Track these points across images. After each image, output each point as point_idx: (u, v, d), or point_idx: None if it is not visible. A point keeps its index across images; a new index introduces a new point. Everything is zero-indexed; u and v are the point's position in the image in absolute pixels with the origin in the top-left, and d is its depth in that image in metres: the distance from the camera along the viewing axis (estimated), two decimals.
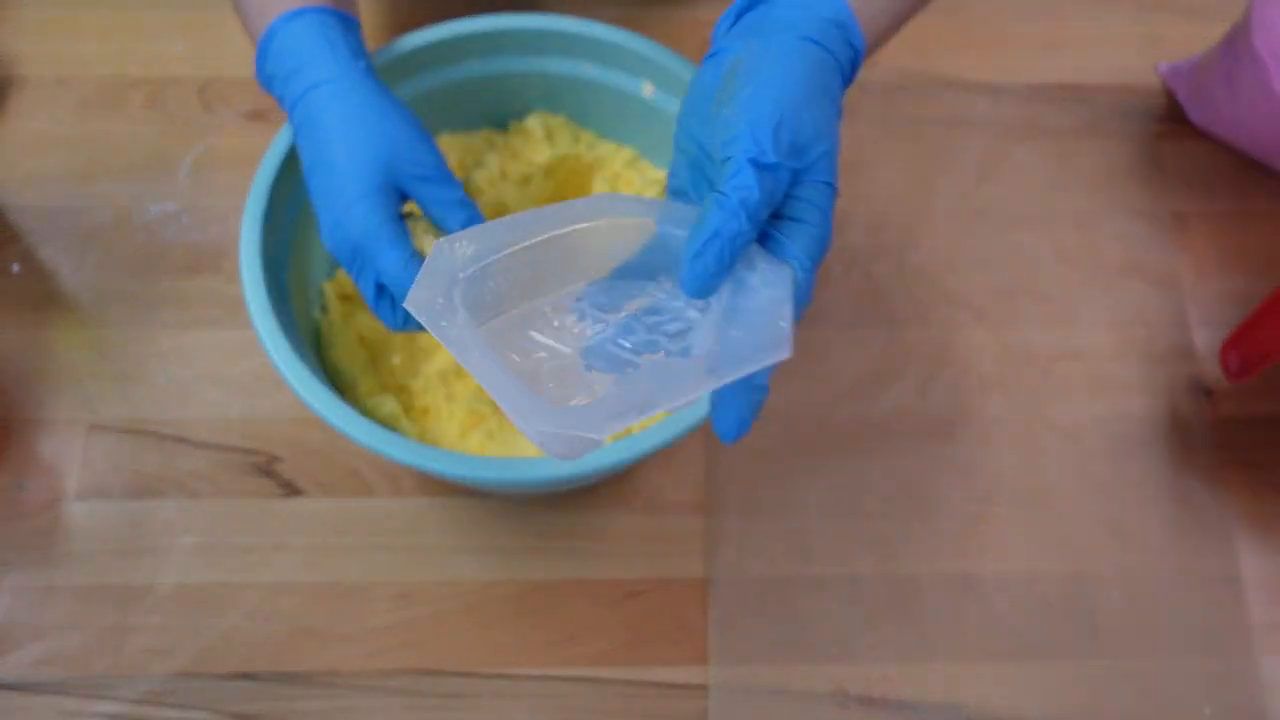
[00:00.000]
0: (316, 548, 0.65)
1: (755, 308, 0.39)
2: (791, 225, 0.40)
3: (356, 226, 0.52)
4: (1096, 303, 0.75)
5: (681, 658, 0.63)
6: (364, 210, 0.52)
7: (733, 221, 0.37)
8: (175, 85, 0.80)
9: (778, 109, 0.38)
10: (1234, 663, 0.64)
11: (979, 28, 0.87)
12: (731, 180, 0.38)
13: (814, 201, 0.40)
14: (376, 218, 0.52)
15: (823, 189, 0.40)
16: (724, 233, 0.37)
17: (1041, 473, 0.69)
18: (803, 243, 0.40)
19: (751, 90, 0.39)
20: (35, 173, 0.76)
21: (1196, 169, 0.81)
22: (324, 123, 0.53)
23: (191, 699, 0.61)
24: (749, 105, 0.38)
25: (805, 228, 0.40)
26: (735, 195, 0.37)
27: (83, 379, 0.69)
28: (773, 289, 0.39)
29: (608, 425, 0.37)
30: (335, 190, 0.52)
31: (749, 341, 0.38)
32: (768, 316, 0.39)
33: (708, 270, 0.37)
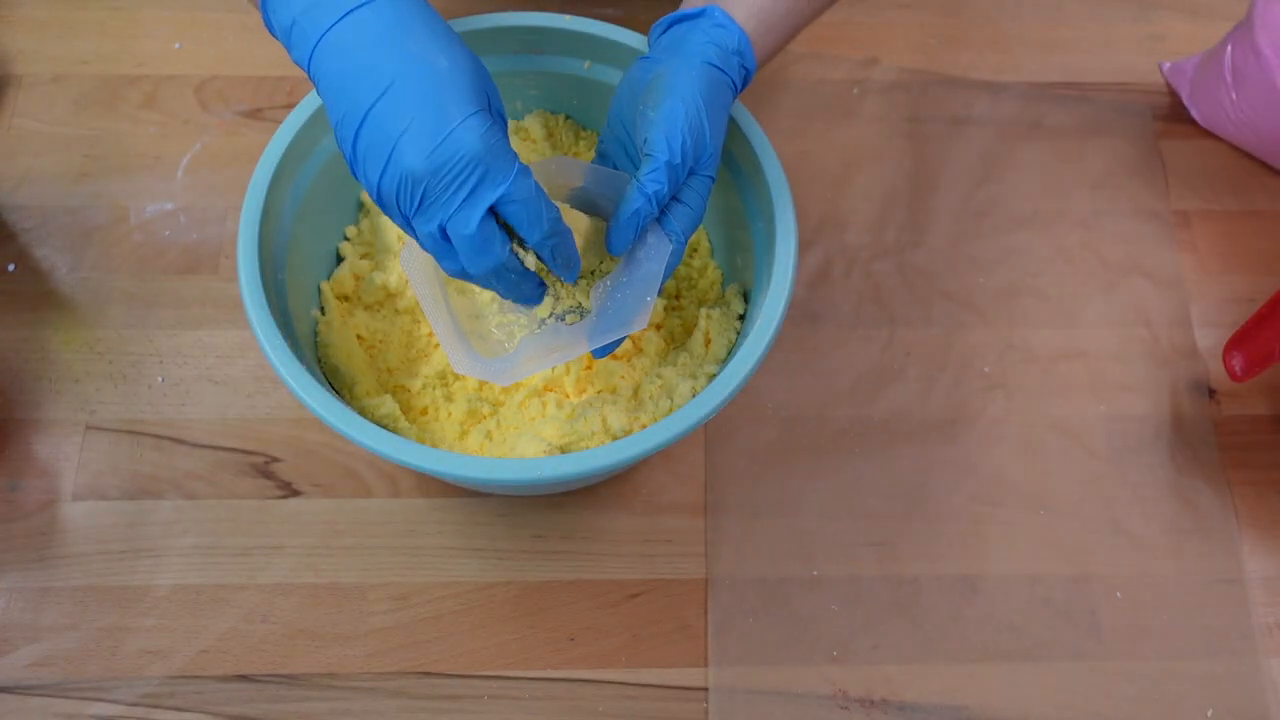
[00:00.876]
0: (314, 549, 0.65)
1: (633, 283, 0.54)
2: (678, 207, 0.55)
3: (479, 140, 0.46)
4: (1098, 302, 0.75)
5: (681, 659, 0.63)
6: (485, 123, 0.47)
7: (646, 206, 0.52)
8: (172, 84, 0.80)
9: (686, 122, 0.52)
10: (1237, 663, 0.64)
11: (980, 27, 0.87)
12: (649, 175, 0.52)
13: (698, 190, 0.55)
14: (499, 132, 0.48)
15: (705, 180, 0.55)
16: (640, 212, 0.52)
17: (1043, 473, 0.69)
18: (684, 222, 0.55)
19: (669, 106, 0.52)
20: (32, 171, 0.75)
21: (1199, 168, 0.80)
22: (406, 31, 0.47)
23: (189, 701, 0.60)
24: (667, 118, 0.52)
25: (687, 210, 0.55)
26: (650, 187, 0.52)
27: (79, 379, 0.69)
28: (652, 263, 0.54)
29: (510, 376, 0.54)
30: (443, 99, 0.46)
31: (620, 317, 0.54)
32: (639, 293, 0.54)
33: (625, 237, 0.53)
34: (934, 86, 0.83)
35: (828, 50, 0.84)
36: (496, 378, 0.54)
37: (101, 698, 0.60)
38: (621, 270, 0.55)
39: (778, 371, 0.71)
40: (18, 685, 0.60)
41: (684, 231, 0.55)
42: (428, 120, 0.46)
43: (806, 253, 0.75)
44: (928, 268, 0.75)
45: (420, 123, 0.46)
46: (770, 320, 0.56)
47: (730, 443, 0.69)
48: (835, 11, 0.86)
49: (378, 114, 0.47)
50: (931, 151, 0.80)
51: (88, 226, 0.74)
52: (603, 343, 0.55)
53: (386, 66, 0.47)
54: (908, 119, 0.81)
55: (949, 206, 0.78)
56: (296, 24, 0.49)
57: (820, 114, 0.81)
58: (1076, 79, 0.84)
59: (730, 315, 0.63)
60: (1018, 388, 0.72)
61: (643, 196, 0.52)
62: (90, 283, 0.72)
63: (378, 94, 0.47)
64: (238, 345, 0.70)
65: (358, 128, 0.48)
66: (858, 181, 0.79)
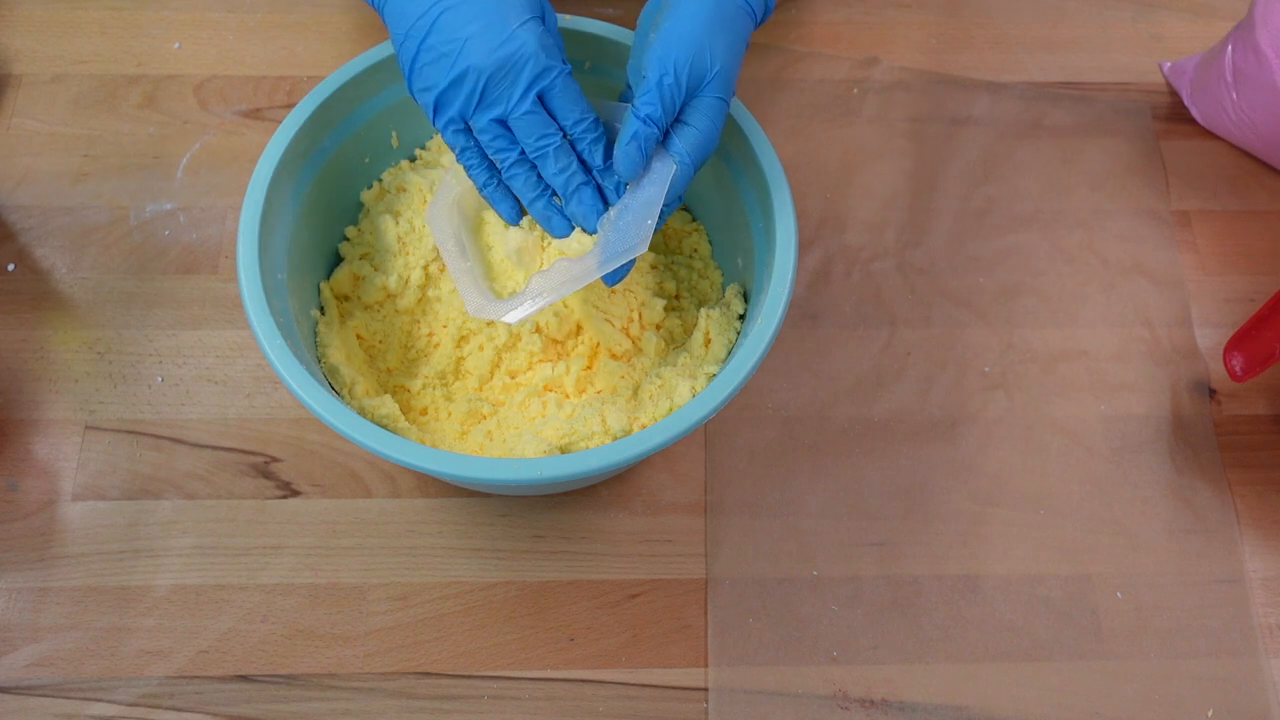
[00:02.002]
0: (314, 549, 0.65)
1: (635, 208, 0.55)
2: (684, 128, 0.54)
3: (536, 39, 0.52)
4: (1099, 302, 0.75)
5: (681, 659, 0.63)
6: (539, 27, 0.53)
7: (643, 128, 0.53)
8: (172, 83, 0.80)
9: (682, 43, 0.52)
10: (1237, 664, 0.64)
11: (980, 27, 0.87)
12: (642, 97, 0.53)
13: (704, 111, 0.54)
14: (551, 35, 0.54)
15: (715, 102, 0.54)
16: (639, 135, 0.53)
17: (1043, 473, 0.69)
18: (689, 142, 0.54)
19: (666, 26, 0.53)
20: (31, 171, 0.75)
21: (1200, 168, 0.80)
22: None
23: (188, 701, 0.60)
24: (663, 38, 0.52)
25: (693, 131, 0.54)
26: (643, 109, 0.53)
27: (79, 379, 0.69)
28: (653, 187, 0.55)
29: (521, 311, 0.55)
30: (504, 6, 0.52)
31: (623, 242, 0.55)
32: (639, 216, 0.55)
33: (630, 160, 0.53)
34: (934, 86, 0.83)
35: (828, 50, 0.84)
36: (509, 315, 0.55)
37: (101, 698, 0.60)
38: (625, 196, 0.56)
39: (778, 371, 0.71)
40: (17, 685, 0.60)
41: (689, 151, 0.54)
42: (492, 23, 0.52)
43: (806, 253, 0.75)
44: (928, 268, 0.75)
45: (485, 26, 0.52)
46: (770, 320, 0.56)
47: (730, 443, 0.69)
48: (835, 11, 0.86)
49: (446, 21, 0.52)
50: (931, 151, 0.80)
51: (87, 226, 0.74)
52: (609, 268, 0.55)
53: None
54: (908, 119, 0.81)
55: (949, 206, 0.78)
56: None
57: (820, 114, 0.81)
58: (1076, 79, 0.84)
59: (730, 315, 0.63)
60: (1018, 388, 0.72)
61: (636, 119, 0.53)
62: (90, 283, 0.72)
63: (447, 4, 0.52)
64: (238, 345, 0.70)
65: (425, 35, 0.53)
66: (858, 181, 0.78)
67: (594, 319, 0.63)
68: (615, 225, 0.56)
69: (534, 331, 0.62)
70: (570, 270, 0.55)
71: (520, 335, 0.62)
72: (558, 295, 0.55)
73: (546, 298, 0.55)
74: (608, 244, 0.55)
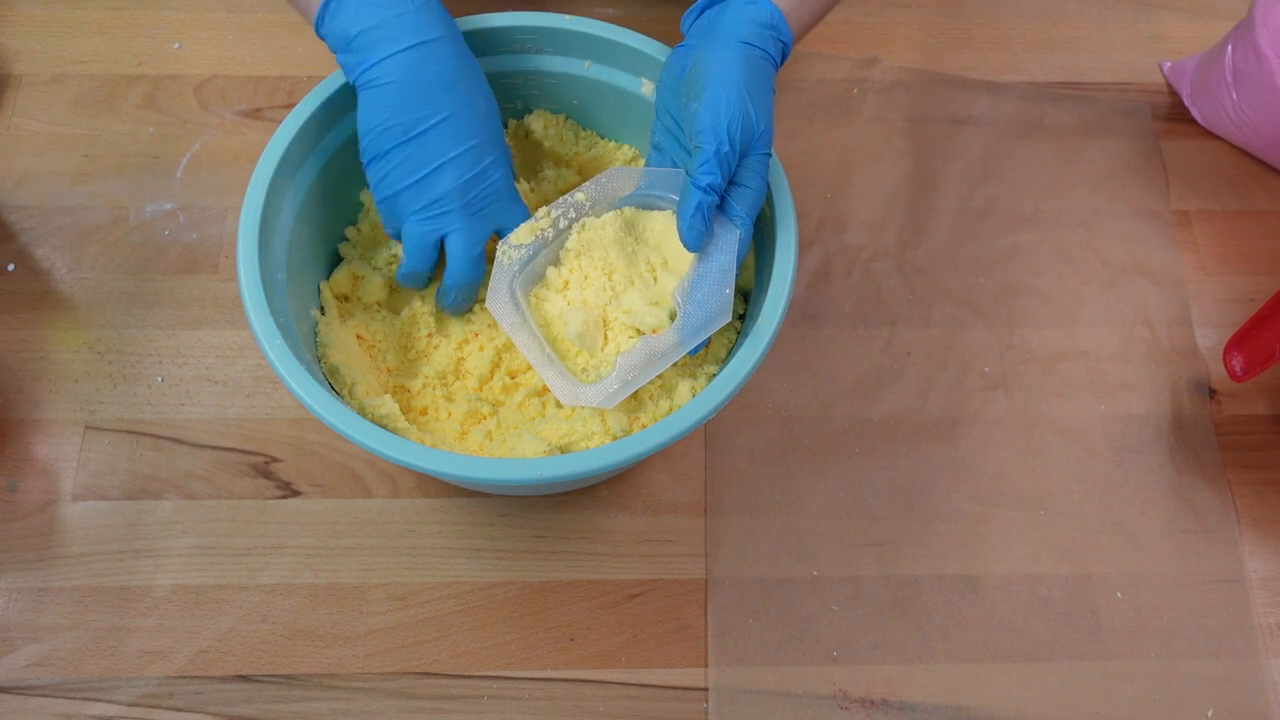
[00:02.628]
0: (314, 549, 0.65)
1: (710, 277, 0.56)
2: (738, 190, 0.56)
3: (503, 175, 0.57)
4: (1099, 302, 0.75)
5: (681, 659, 0.63)
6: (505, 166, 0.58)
7: (706, 197, 0.54)
8: (172, 83, 0.80)
9: (730, 109, 0.54)
10: (1238, 664, 0.64)
11: (980, 27, 0.87)
12: (701, 168, 0.54)
13: (755, 169, 0.56)
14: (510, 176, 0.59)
15: (762, 159, 0.56)
16: (702, 205, 0.54)
17: (1043, 473, 0.69)
18: (745, 204, 0.56)
19: (710, 95, 0.54)
20: (31, 171, 0.75)
21: (1200, 168, 0.80)
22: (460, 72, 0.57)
23: (188, 701, 0.60)
24: (710, 108, 0.54)
25: (748, 191, 0.56)
26: (704, 179, 0.54)
27: (79, 379, 0.69)
28: (724, 255, 0.56)
29: (616, 396, 0.56)
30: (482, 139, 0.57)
31: (704, 313, 0.56)
32: (717, 287, 0.56)
33: (696, 231, 0.55)
34: (934, 86, 0.83)
35: (828, 50, 0.84)
36: (604, 402, 0.56)
37: (101, 698, 0.60)
38: (696, 267, 0.57)
39: (778, 371, 0.71)
40: (17, 685, 0.60)
41: (748, 213, 0.56)
42: (467, 153, 0.57)
43: (806, 253, 0.75)
44: (928, 268, 0.75)
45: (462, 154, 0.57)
46: (770, 320, 0.56)
47: (730, 443, 0.69)
48: (835, 11, 0.86)
49: (429, 138, 0.56)
50: (931, 151, 0.80)
51: (87, 226, 0.74)
52: (694, 343, 0.56)
53: (445, 99, 0.57)
54: (908, 119, 0.81)
55: (949, 206, 0.78)
56: (364, 35, 0.56)
57: (820, 114, 0.81)
58: (1076, 79, 0.84)
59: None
60: (1018, 388, 0.72)
61: (699, 191, 0.54)
62: (90, 283, 0.72)
63: (435, 120, 0.56)
64: (238, 345, 0.70)
65: (402, 141, 0.57)
66: (858, 181, 0.78)
67: None
68: (693, 298, 0.56)
69: None
70: (654, 347, 0.56)
71: None
72: (648, 377, 0.56)
73: (638, 381, 0.56)
74: (688, 317, 0.56)
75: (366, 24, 0.56)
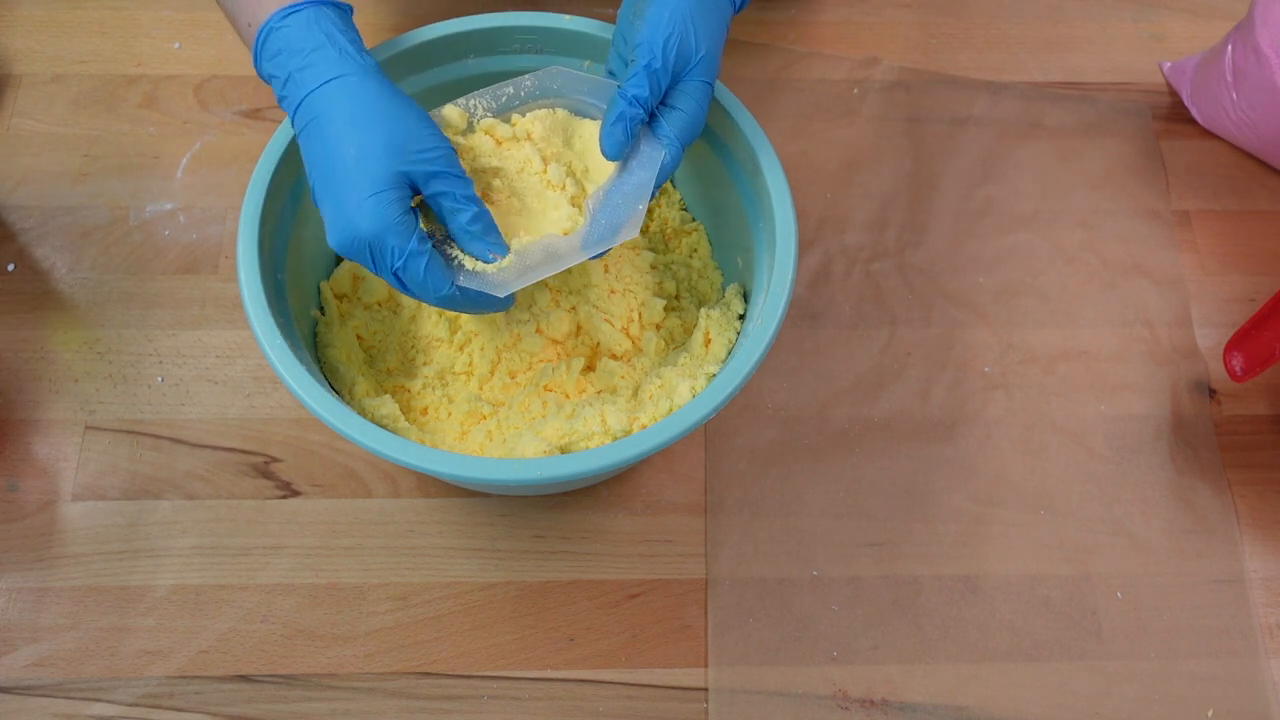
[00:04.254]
0: (314, 549, 0.65)
1: (625, 191, 0.55)
2: (671, 111, 0.56)
3: (371, 222, 0.51)
4: (1099, 302, 0.75)
5: (681, 659, 0.63)
6: (378, 206, 0.51)
7: (630, 109, 0.54)
8: (172, 83, 0.80)
9: (669, 27, 0.54)
10: (1237, 664, 0.64)
11: (980, 27, 0.87)
12: (631, 80, 0.54)
13: (691, 94, 0.55)
14: (393, 211, 0.52)
15: (700, 85, 0.56)
16: (624, 115, 0.54)
17: (1043, 473, 0.69)
18: (677, 125, 0.55)
19: (652, 12, 0.54)
20: (31, 171, 0.75)
21: (1200, 168, 0.80)
22: (333, 120, 0.52)
23: (188, 701, 0.60)
24: (650, 23, 0.54)
25: (680, 114, 0.56)
26: (631, 90, 0.54)
27: (79, 379, 0.69)
28: (644, 171, 0.55)
29: (507, 286, 0.54)
30: (347, 186, 0.52)
31: (612, 223, 0.55)
32: (631, 200, 0.55)
33: (615, 140, 0.55)
34: (934, 86, 0.83)
35: (828, 50, 0.84)
36: (497, 289, 0.54)
37: (101, 698, 0.60)
38: (614, 178, 0.56)
39: (778, 371, 0.71)
40: (17, 685, 0.60)
41: (677, 135, 0.55)
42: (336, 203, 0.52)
43: (806, 253, 0.75)
44: (928, 268, 0.75)
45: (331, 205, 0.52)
46: (770, 320, 0.56)
47: (730, 443, 0.69)
48: (835, 11, 0.86)
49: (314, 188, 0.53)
50: (931, 151, 0.80)
51: (87, 226, 0.74)
52: (596, 251, 0.55)
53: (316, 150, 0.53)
54: (908, 119, 0.81)
55: (949, 206, 0.78)
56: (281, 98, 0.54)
57: (820, 114, 0.81)
58: (1076, 79, 0.84)
59: (730, 315, 0.63)
60: (1018, 388, 0.72)
61: (624, 100, 0.54)
62: (90, 283, 0.72)
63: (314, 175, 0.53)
64: (238, 345, 0.70)
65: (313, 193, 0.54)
66: (858, 181, 0.78)
67: (594, 319, 0.63)
68: (605, 206, 0.55)
69: (534, 331, 0.62)
70: (557, 246, 0.55)
71: (520, 335, 0.62)
72: (543, 274, 0.55)
73: (532, 275, 0.54)
74: (596, 224, 0.55)
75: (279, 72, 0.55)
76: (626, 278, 0.65)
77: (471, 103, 0.58)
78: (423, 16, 0.81)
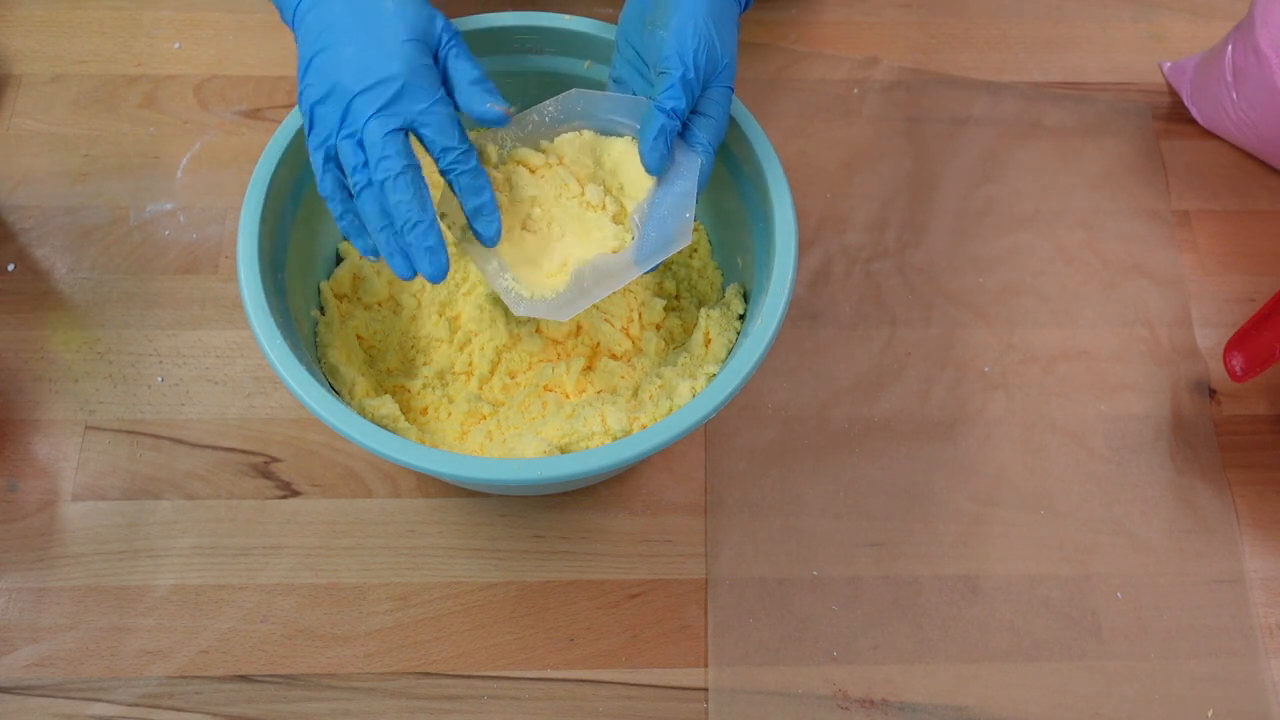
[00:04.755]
0: (314, 549, 0.65)
1: (669, 203, 0.56)
2: (701, 119, 0.56)
3: (402, 63, 0.52)
4: (1099, 302, 0.75)
5: (681, 659, 0.63)
6: (413, 49, 0.52)
7: (669, 121, 0.54)
8: (172, 83, 0.80)
9: (696, 36, 0.54)
10: (1237, 664, 0.64)
11: (980, 27, 0.87)
12: (666, 92, 0.54)
13: (717, 100, 0.56)
14: (426, 59, 0.53)
15: (724, 90, 0.57)
16: (665, 129, 0.54)
17: (1043, 473, 0.69)
18: (708, 133, 0.56)
19: (677, 22, 0.54)
20: (31, 171, 0.75)
21: (1200, 168, 0.80)
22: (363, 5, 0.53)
23: (188, 701, 0.60)
24: (677, 34, 0.54)
25: (711, 121, 0.56)
26: (669, 104, 0.54)
27: (79, 379, 0.69)
28: (685, 180, 0.56)
29: (571, 309, 0.56)
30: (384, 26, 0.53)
31: (662, 235, 0.56)
32: (678, 211, 0.56)
33: (658, 154, 0.55)
34: (934, 86, 0.83)
35: (828, 50, 0.84)
36: (557, 313, 0.56)
37: (101, 698, 0.60)
38: (656, 191, 0.57)
39: (778, 371, 0.71)
40: (17, 685, 0.60)
41: (710, 142, 0.56)
42: (367, 46, 0.52)
43: (806, 253, 0.75)
44: (928, 268, 0.75)
45: (361, 49, 0.52)
46: (770, 320, 0.56)
47: (730, 443, 0.69)
48: (835, 11, 0.86)
49: (329, 42, 0.53)
50: (931, 151, 0.80)
51: (87, 226, 0.74)
52: (650, 265, 0.56)
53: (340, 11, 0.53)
54: (908, 119, 0.81)
55: (949, 206, 0.78)
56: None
57: (820, 114, 0.81)
58: (1076, 79, 0.84)
59: (730, 315, 0.63)
60: (1018, 388, 0.72)
61: (663, 114, 0.54)
62: (90, 283, 0.72)
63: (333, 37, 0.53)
64: (238, 345, 0.70)
65: (312, 56, 0.53)
66: (858, 181, 0.78)
67: (594, 319, 0.63)
68: (652, 220, 0.56)
69: (534, 332, 0.62)
70: (610, 264, 0.56)
71: (520, 336, 0.62)
72: (603, 293, 0.56)
73: (592, 296, 0.56)
74: (646, 239, 0.56)
75: None
76: None
77: (500, 135, 0.58)
78: None
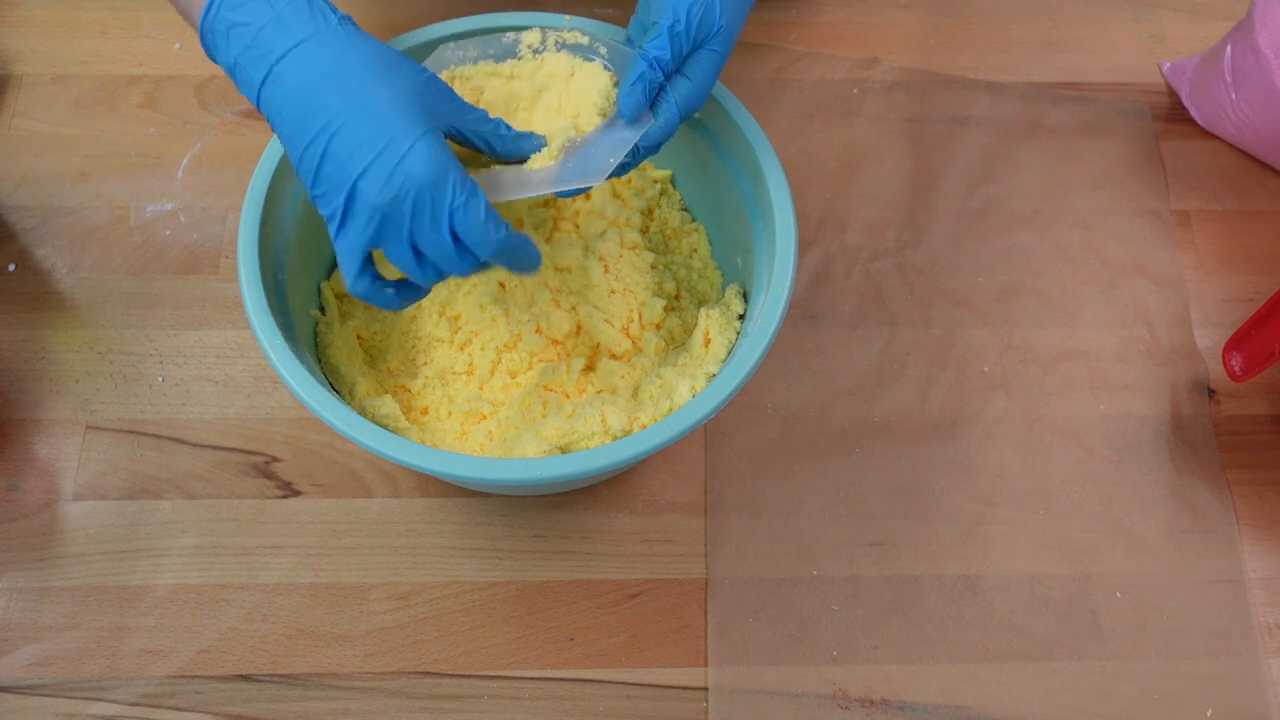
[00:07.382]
0: (314, 549, 0.65)
1: (605, 142, 0.55)
2: (678, 79, 0.55)
3: (426, 165, 0.47)
4: (1098, 302, 0.75)
5: (681, 659, 0.63)
6: (431, 146, 0.48)
7: (650, 70, 0.53)
8: (172, 83, 0.80)
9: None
10: (1237, 664, 0.64)
11: (980, 27, 0.87)
12: (653, 41, 0.53)
13: (703, 64, 0.55)
14: (446, 152, 0.49)
15: (713, 56, 0.55)
16: (644, 76, 0.53)
17: (1043, 473, 0.69)
18: (680, 93, 0.55)
19: None
20: (31, 171, 0.75)
21: (1199, 168, 0.80)
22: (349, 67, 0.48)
23: (189, 701, 0.60)
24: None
25: (687, 83, 0.55)
26: (653, 52, 0.53)
27: (79, 379, 0.69)
28: (630, 131, 0.55)
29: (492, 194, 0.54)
30: (390, 129, 0.48)
31: (582, 169, 0.55)
32: (605, 152, 0.55)
33: (633, 100, 0.54)
34: (934, 86, 0.83)
35: (828, 50, 0.84)
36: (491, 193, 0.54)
37: (101, 698, 0.60)
38: (600, 127, 0.56)
39: (778, 371, 0.71)
40: (18, 685, 0.60)
41: (678, 102, 0.55)
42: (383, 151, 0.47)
43: (806, 253, 0.75)
44: (928, 268, 0.75)
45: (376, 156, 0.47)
46: (770, 320, 0.56)
47: (730, 443, 0.69)
48: (835, 11, 0.86)
49: (334, 152, 0.48)
50: (931, 151, 0.80)
51: (87, 226, 0.74)
52: (559, 188, 0.54)
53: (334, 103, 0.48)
54: (908, 119, 0.81)
55: (949, 206, 0.78)
56: (239, 64, 0.49)
57: (820, 114, 0.81)
58: (1076, 79, 0.84)
59: (730, 315, 0.63)
60: (1018, 388, 0.72)
61: (644, 61, 0.53)
62: (90, 283, 0.72)
63: (331, 133, 0.48)
64: (238, 345, 0.70)
65: (317, 166, 0.49)
66: (858, 181, 0.79)
67: (594, 319, 0.63)
68: (582, 151, 0.55)
69: (535, 332, 0.62)
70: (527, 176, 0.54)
71: (521, 335, 0.62)
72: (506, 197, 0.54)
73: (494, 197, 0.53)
74: (566, 166, 0.55)
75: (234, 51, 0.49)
76: (626, 278, 0.65)
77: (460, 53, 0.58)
78: (421, 17, 0.81)
